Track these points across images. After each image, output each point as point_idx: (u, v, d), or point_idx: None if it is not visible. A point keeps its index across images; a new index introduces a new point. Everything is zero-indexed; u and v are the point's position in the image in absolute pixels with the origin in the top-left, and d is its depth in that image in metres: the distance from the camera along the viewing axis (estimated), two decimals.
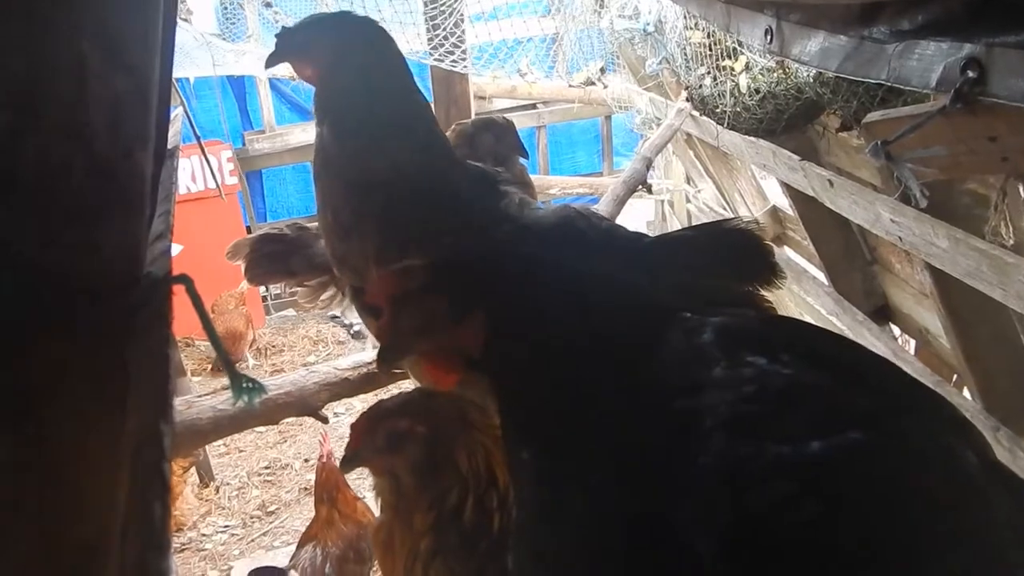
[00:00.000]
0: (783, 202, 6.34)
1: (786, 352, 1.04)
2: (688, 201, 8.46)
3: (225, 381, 1.36)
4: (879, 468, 0.91)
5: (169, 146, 2.37)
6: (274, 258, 2.63)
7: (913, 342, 5.42)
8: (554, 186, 9.61)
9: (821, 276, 5.71)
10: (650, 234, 2.50)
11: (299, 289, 2.68)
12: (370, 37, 2.09)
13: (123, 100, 1.01)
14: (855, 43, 2.10)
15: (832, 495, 0.89)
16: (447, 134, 2.82)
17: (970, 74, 1.67)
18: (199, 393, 3.06)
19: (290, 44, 2.08)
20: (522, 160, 2.78)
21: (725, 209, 7.29)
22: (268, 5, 6.52)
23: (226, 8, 9.88)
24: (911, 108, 2.51)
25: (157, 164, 1.97)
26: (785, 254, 6.41)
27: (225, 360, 1.24)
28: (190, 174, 9.36)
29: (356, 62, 2.03)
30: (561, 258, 1.35)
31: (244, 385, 1.27)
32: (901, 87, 1.94)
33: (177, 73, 8.48)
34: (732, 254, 1.94)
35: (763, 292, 1.94)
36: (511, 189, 2.08)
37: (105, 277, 1.05)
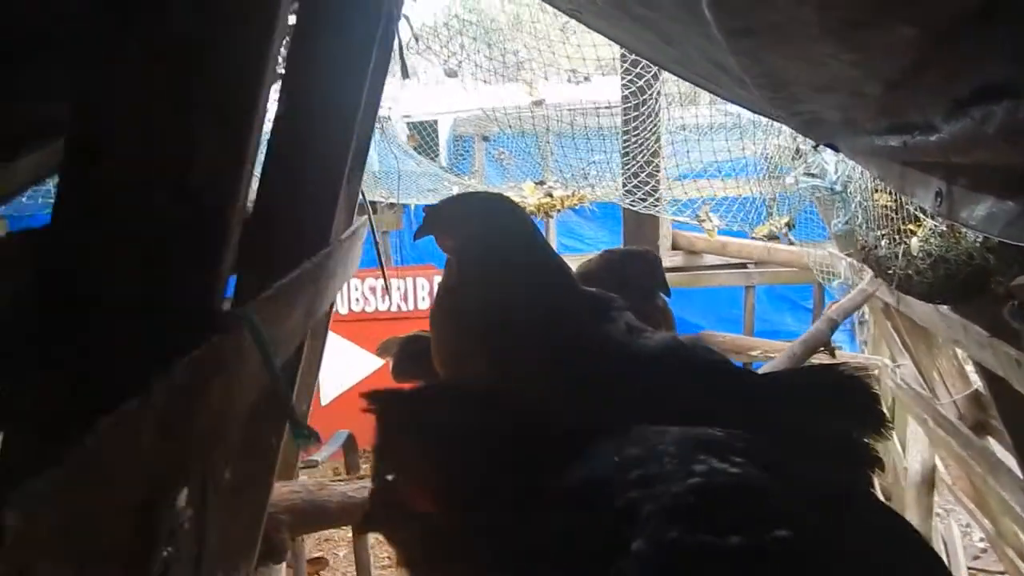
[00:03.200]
0: None
1: (742, 457, 1.08)
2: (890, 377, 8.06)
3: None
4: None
5: (344, 236, 2.65)
6: (418, 357, 2.77)
7: None
8: (756, 348, 9.35)
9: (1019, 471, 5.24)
10: None
11: None
12: (495, 214, 2.27)
13: (218, 161, 1.19)
14: (1020, 208, 2.06)
15: None
16: (596, 257, 2.94)
17: None
18: (332, 477, 3.22)
19: (432, 222, 2.29)
20: (664, 296, 2.84)
21: (923, 388, 6.89)
22: (485, 139, 6.98)
23: (457, 144, 10.63)
24: None
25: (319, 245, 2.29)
26: (986, 444, 5.97)
27: (289, 408, 1.37)
28: (402, 294, 9.97)
29: (485, 241, 2.20)
30: None
31: (304, 433, 1.39)
32: None
33: (404, 199, 9.18)
34: (836, 396, 1.91)
35: (870, 440, 1.89)
36: (623, 315, 2.14)
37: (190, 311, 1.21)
